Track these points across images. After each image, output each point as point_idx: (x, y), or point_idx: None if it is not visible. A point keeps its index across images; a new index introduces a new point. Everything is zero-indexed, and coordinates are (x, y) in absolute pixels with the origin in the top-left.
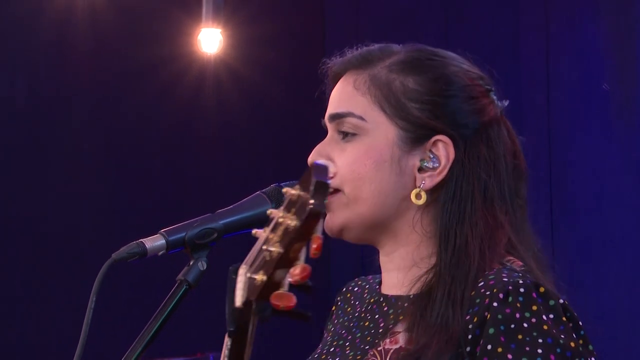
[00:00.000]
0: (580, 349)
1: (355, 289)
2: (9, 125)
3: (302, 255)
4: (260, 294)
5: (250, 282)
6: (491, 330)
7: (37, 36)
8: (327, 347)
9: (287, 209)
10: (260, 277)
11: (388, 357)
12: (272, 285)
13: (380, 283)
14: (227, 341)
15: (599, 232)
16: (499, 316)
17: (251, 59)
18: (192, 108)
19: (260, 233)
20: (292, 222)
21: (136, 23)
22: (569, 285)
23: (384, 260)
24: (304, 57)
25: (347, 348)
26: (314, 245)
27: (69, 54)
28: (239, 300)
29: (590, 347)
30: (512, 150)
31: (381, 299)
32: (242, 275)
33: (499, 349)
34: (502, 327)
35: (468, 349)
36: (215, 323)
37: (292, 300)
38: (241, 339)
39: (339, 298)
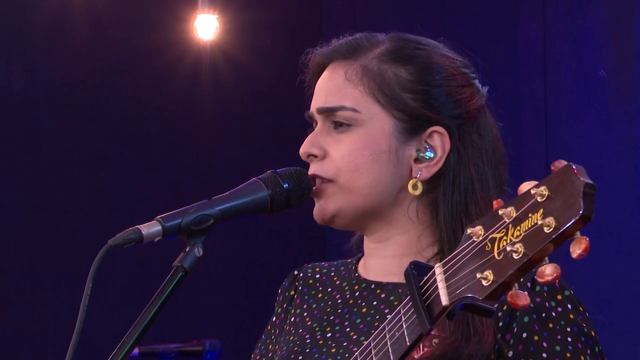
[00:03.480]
0: (596, 337)
1: (317, 275)
2: (5, 111)
3: (547, 257)
4: (491, 293)
5: (475, 281)
6: (526, 319)
7: (33, 23)
8: (316, 333)
9: (531, 209)
10: (490, 277)
11: (421, 343)
12: (504, 285)
13: (356, 270)
14: (393, 338)
15: (596, 221)
16: (531, 305)
17: (247, 45)
18: (188, 94)
19: (476, 231)
20: (550, 223)
21: (132, 9)
22: (565, 274)
23: (373, 247)
24: (300, 43)
25: (353, 333)
26: (582, 247)
27: (64, 41)
28: (445, 300)
29: (597, 337)
30: (496, 136)
31: (372, 286)
32: (441, 275)
33: (535, 337)
34: (534, 316)
35: (499, 336)
36: (211, 310)
37: (527, 299)
38: (426, 335)
39: (297, 283)
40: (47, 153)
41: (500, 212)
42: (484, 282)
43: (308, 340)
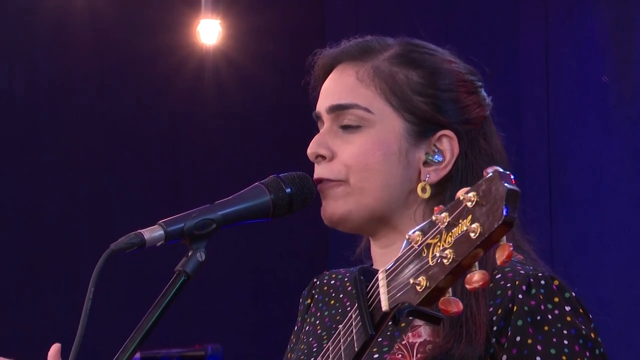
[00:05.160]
0: (598, 339)
1: (332, 282)
2: (8, 115)
3: (477, 262)
4: (424, 299)
5: (410, 287)
6: (519, 322)
7: (35, 27)
8: (323, 341)
9: (461, 215)
10: (424, 282)
11: (415, 350)
12: (438, 291)
13: None
14: (345, 343)
15: (598, 224)
16: (525, 308)
17: (250, 50)
18: (191, 99)
19: (414, 237)
20: (475, 228)
21: (135, 14)
22: (568, 278)
23: (380, 252)
24: (303, 48)
25: None
26: (505, 255)
27: (67, 45)
28: (385, 305)
29: (599, 339)
30: (500, 145)
31: None
32: (383, 280)
33: (529, 341)
34: (529, 319)
35: (493, 340)
36: (213, 314)
37: (460, 306)
38: (371, 341)
39: (314, 291)
40: (49, 156)
41: (434, 217)
42: (418, 288)
43: (314, 349)
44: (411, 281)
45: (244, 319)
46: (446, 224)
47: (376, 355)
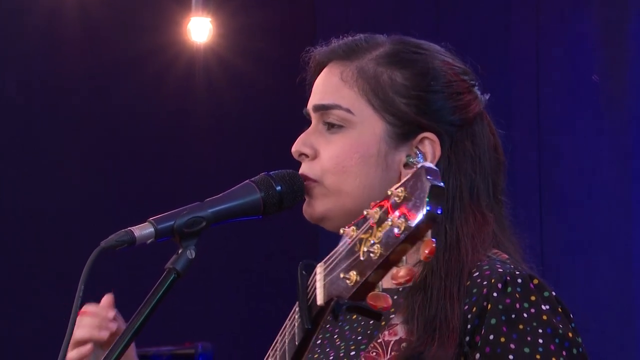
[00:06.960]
0: (577, 339)
1: None
2: (5, 117)
3: (404, 258)
4: (354, 294)
5: (341, 281)
6: (493, 321)
7: (26, 27)
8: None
9: (391, 210)
10: (354, 277)
11: (389, 348)
12: (367, 285)
13: None
14: (289, 336)
15: (588, 226)
16: (500, 306)
17: (241, 47)
18: (181, 97)
19: (349, 232)
20: (400, 224)
21: (125, 12)
22: (558, 279)
23: None
24: (294, 46)
25: (337, 340)
26: (427, 250)
27: (58, 44)
28: (320, 299)
29: (579, 339)
30: (494, 144)
31: None
32: (321, 274)
33: (502, 339)
34: (503, 317)
35: (467, 338)
36: (203, 312)
37: (389, 301)
38: (310, 335)
39: None
40: (41, 157)
41: (366, 212)
42: (349, 282)
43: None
44: (342, 275)
45: (234, 317)
46: (377, 219)
47: (352, 353)
